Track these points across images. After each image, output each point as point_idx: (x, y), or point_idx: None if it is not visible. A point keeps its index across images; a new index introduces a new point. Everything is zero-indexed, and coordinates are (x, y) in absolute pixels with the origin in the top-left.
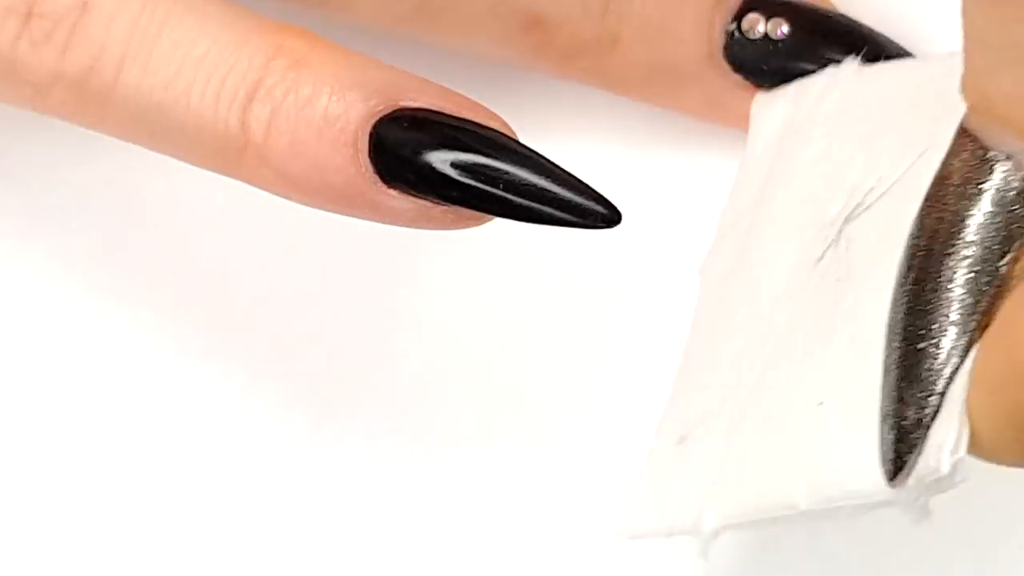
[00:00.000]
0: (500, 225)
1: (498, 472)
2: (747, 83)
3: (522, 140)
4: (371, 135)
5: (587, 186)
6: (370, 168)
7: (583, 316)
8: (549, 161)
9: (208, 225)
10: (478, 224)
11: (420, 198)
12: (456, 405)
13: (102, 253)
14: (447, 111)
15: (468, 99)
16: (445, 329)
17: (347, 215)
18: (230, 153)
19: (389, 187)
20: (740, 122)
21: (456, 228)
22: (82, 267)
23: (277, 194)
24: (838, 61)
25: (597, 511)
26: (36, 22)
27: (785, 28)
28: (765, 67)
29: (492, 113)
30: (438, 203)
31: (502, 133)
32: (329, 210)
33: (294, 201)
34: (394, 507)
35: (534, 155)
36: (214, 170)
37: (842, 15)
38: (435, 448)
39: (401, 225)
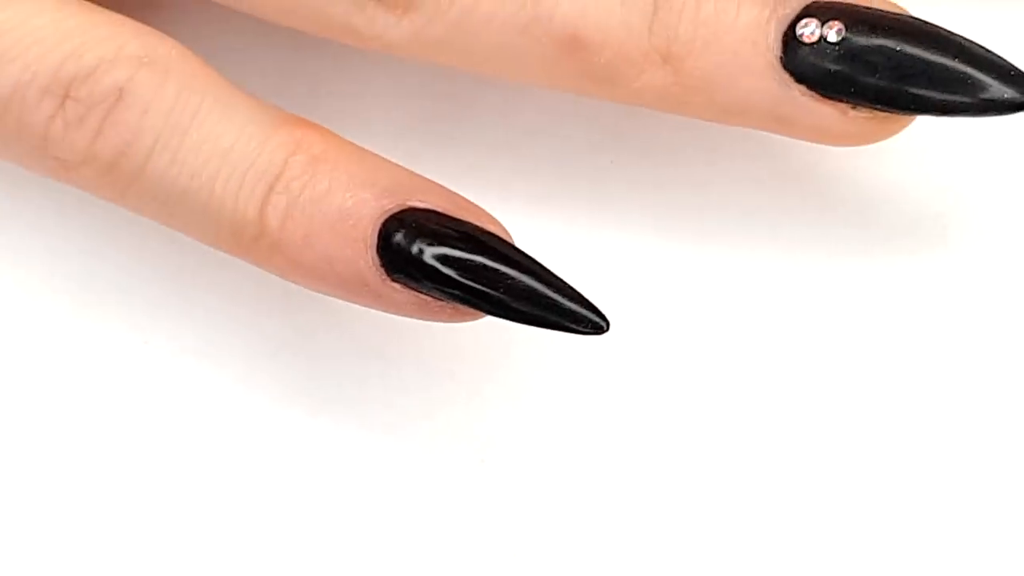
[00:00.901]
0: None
1: (498, 471)
2: (812, 93)
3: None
4: (380, 232)
5: (579, 295)
6: (377, 262)
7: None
8: (545, 268)
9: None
10: (473, 320)
11: (422, 293)
12: (455, 403)
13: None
14: (452, 214)
15: (472, 203)
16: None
17: (351, 302)
18: (245, 239)
19: (393, 280)
20: (810, 134)
21: (453, 322)
22: (80, 263)
23: (286, 279)
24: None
25: (596, 510)
26: (71, 105)
27: (840, 30)
28: (828, 75)
29: (491, 217)
30: (438, 299)
31: (502, 238)
32: (335, 296)
33: (301, 286)
34: (393, 506)
35: (531, 262)
36: (225, 251)
37: (901, 12)
38: (434, 447)
39: (402, 315)
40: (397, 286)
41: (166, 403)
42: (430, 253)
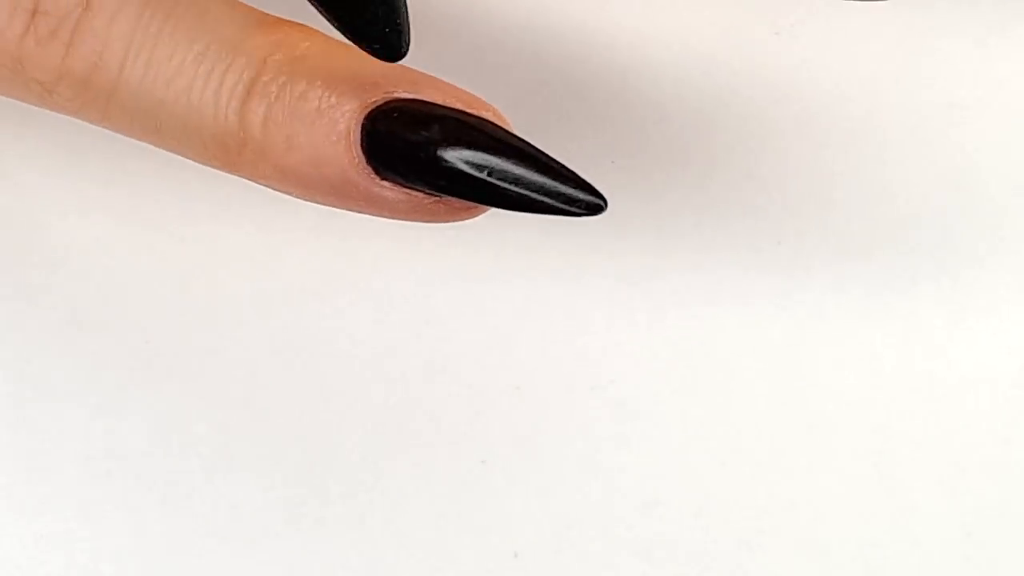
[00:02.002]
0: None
1: (498, 471)
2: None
3: (515, 130)
4: (364, 127)
5: (574, 174)
6: (363, 159)
7: (582, 312)
8: (538, 150)
9: (205, 225)
10: (470, 216)
11: (412, 190)
12: (454, 402)
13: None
14: (439, 102)
15: (461, 90)
16: (444, 324)
17: (344, 208)
18: (230, 149)
19: (382, 179)
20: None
21: (449, 220)
22: (81, 262)
23: (278, 189)
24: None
25: (596, 510)
26: (41, 19)
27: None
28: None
29: (485, 103)
30: (430, 194)
31: (493, 123)
32: (327, 204)
33: (295, 196)
34: (393, 506)
35: (523, 144)
36: (217, 166)
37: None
38: (434, 447)
39: (395, 218)
40: (387, 184)
41: (167, 403)
42: (415, 144)
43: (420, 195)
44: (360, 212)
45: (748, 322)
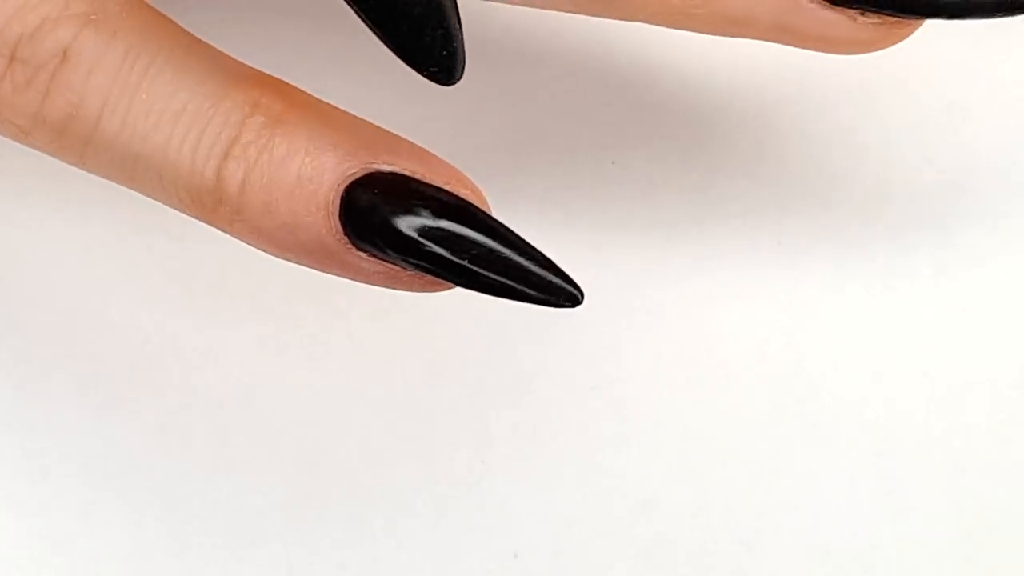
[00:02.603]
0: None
1: (498, 471)
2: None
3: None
4: (342, 198)
5: (553, 264)
6: (340, 230)
7: (582, 312)
8: (518, 236)
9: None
10: (445, 290)
11: (389, 262)
12: (455, 403)
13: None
14: (419, 177)
15: (443, 163)
16: (444, 324)
17: (318, 271)
18: (206, 205)
19: (359, 249)
20: (818, 44)
21: (425, 291)
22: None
23: (252, 245)
24: None
25: (596, 510)
26: (19, 66)
27: None
28: None
29: (465, 178)
30: (406, 268)
31: (473, 204)
32: (302, 264)
33: (268, 254)
34: (394, 506)
35: (503, 229)
36: (192, 216)
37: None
38: (434, 447)
39: (371, 284)
40: (363, 255)
41: (167, 403)
42: (394, 221)
43: (397, 268)
44: (335, 275)
45: (748, 322)
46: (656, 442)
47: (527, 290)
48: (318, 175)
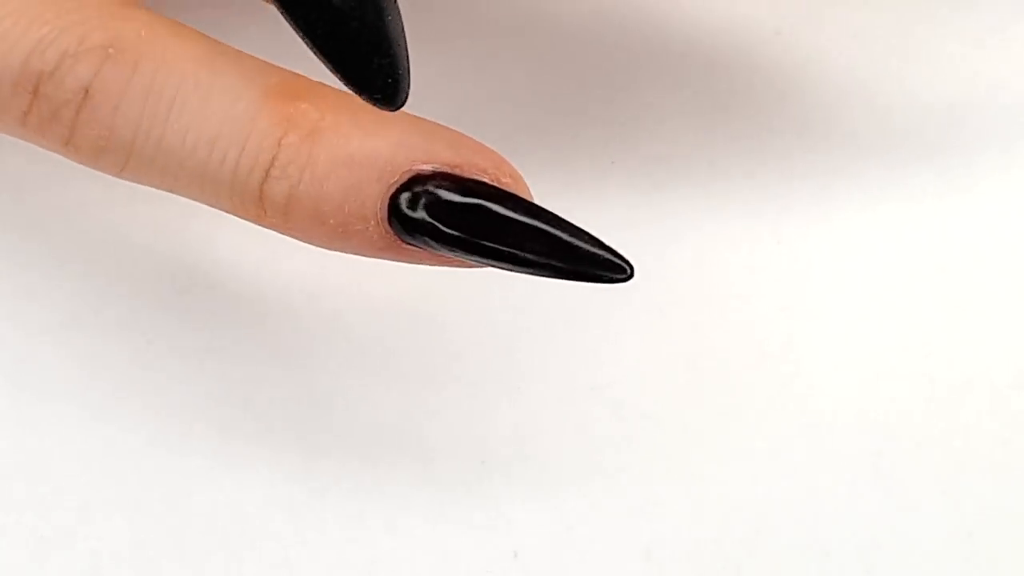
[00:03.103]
0: None
1: (498, 472)
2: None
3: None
4: (389, 204)
5: (600, 241)
6: (389, 231)
7: (582, 312)
8: (559, 218)
9: (205, 225)
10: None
11: (439, 253)
12: (454, 402)
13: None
14: (459, 172)
15: (481, 148)
16: (444, 324)
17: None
18: (251, 212)
19: (407, 244)
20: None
21: (479, 267)
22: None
23: (300, 240)
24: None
25: (596, 510)
26: (43, 101)
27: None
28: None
29: (505, 163)
30: (456, 258)
31: (514, 192)
32: (351, 254)
33: (317, 247)
34: (394, 506)
35: (546, 212)
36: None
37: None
38: (434, 447)
39: (423, 265)
40: (412, 248)
41: (167, 403)
42: (438, 222)
43: (447, 256)
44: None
45: (748, 322)
46: (656, 442)
47: (577, 268)
48: (362, 189)
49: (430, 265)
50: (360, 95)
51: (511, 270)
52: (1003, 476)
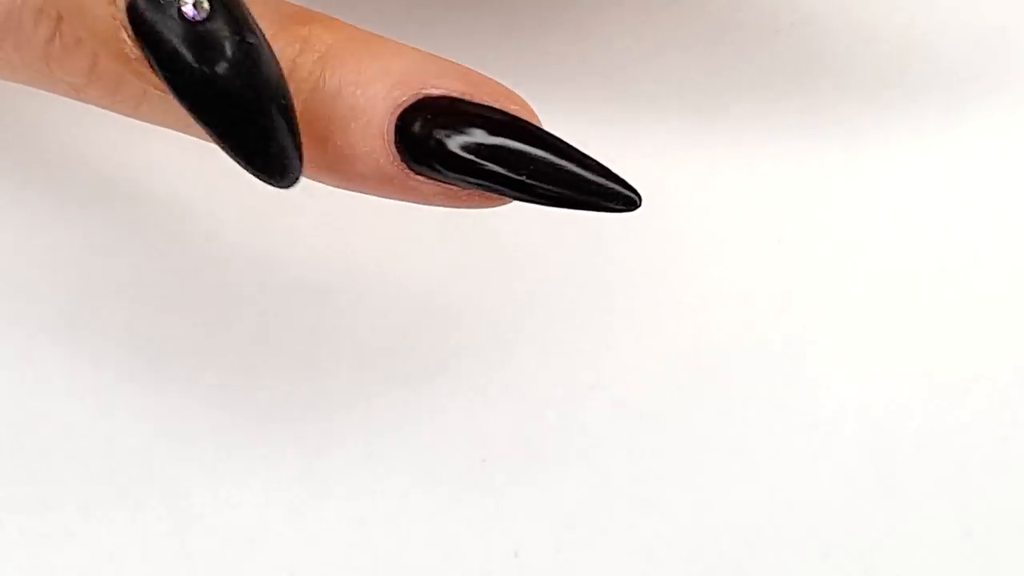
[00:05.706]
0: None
1: (498, 471)
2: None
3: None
4: (396, 126)
5: (607, 169)
6: (396, 156)
7: (582, 312)
8: (569, 145)
9: (205, 225)
10: (507, 203)
11: (447, 183)
12: (455, 403)
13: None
14: (468, 97)
15: (490, 81)
16: (445, 323)
17: (378, 196)
18: None
19: (416, 173)
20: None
21: (485, 207)
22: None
23: (311, 179)
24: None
25: (596, 511)
26: (67, 26)
27: None
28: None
29: (514, 95)
30: (465, 187)
31: (522, 119)
32: (362, 192)
33: (328, 185)
34: (394, 506)
35: (556, 140)
36: None
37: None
38: (434, 446)
39: (430, 204)
40: (421, 178)
41: (167, 403)
42: (448, 143)
43: (455, 187)
44: (395, 200)
45: (748, 322)
46: (656, 442)
47: (585, 197)
48: (370, 106)
49: (434, 203)
50: (256, 176)
51: (518, 198)
52: (1003, 476)
